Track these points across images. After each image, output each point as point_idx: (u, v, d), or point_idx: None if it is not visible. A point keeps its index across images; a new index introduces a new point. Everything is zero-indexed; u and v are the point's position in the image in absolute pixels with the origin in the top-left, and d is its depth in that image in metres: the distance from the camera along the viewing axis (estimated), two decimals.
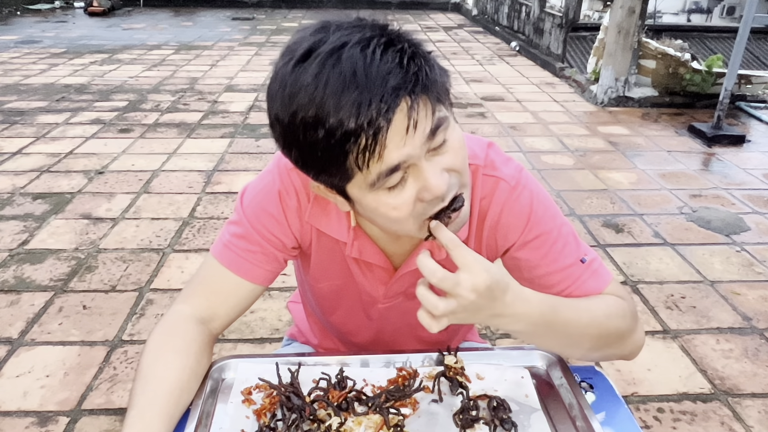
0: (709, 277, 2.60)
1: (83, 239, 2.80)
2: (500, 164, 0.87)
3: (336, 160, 0.65)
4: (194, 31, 8.84)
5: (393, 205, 0.70)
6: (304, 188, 0.86)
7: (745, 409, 1.88)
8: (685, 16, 10.44)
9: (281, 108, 0.67)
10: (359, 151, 0.64)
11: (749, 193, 3.50)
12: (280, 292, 2.41)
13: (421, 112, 0.65)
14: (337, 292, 0.98)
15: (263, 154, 3.95)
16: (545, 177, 3.66)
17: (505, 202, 0.86)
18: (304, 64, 0.65)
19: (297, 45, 0.67)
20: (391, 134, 0.64)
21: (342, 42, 0.64)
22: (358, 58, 0.63)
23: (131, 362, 2.02)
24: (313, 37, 0.66)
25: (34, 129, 4.32)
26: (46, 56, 6.81)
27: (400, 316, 0.99)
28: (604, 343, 0.85)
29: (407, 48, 0.65)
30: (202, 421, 0.79)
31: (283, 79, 0.66)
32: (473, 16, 10.33)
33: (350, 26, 0.67)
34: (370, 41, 0.64)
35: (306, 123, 0.64)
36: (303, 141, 0.66)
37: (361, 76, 0.62)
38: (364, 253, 0.88)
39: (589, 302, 0.84)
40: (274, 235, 0.88)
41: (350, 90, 0.62)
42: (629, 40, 5.05)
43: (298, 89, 0.64)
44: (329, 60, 0.63)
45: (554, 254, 0.87)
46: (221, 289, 0.89)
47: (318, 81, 0.63)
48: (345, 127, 0.62)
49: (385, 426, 0.76)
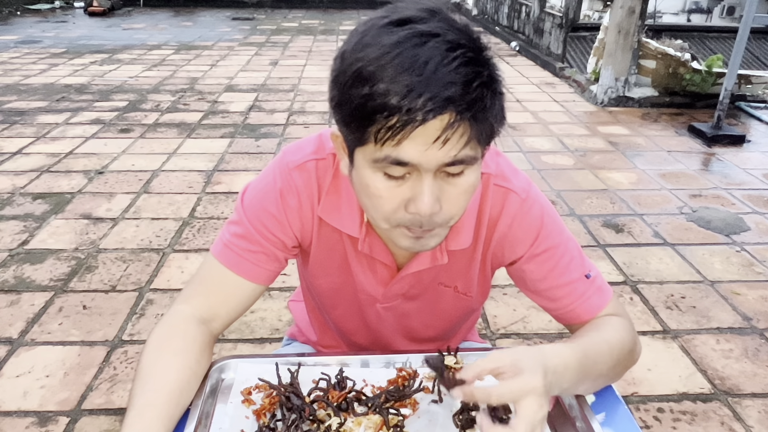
0: (709, 277, 2.60)
1: (83, 239, 2.80)
2: (510, 175, 0.88)
3: (362, 119, 0.66)
4: (194, 31, 8.85)
5: (382, 192, 0.71)
6: (305, 188, 0.86)
7: (745, 409, 1.88)
8: (685, 16, 10.45)
9: (351, 49, 0.68)
10: (383, 126, 0.65)
11: (749, 193, 3.50)
12: (280, 292, 2.41)
13: (456, 135, 0.65)
14: (335, 290, 0.98)
15: (263, 154, 3.95)
16: (545, 177, 3.66)
17: (516, 215, 0.87)
18: (394, 28, 0.66)
19: (402, 9, 0.68)
20: (418, 132, 0.64)
21: (437, 32, 0.65)
22: (439, 54, 0.63)
23: (131, 362, 2.02)
24: (418, 13, 0.67)
25: (34, 129, 4.32)
26: (46, 56, 6.82)
27: (397, 318, 0.99)
28: (623, 368, 0.89)
29: (485, 75, 0.66)
30: (202, 421, 0.79)
31: (370, 28, 0.68)
32: (473, 16, 10.33)
33: (455, 25, 0.67)
34: (459, 47, 0.64)
35: (360, 73, 0.65)
36: (348, 87, 0.67)
37: (429, 69, 0.63)
38: (374, 249, 0.89)
39: (602, 334, 0.86)
40: (274, 234, 0.88)
41: (412, 74, 0.63)
42: (629, 40, 5.05)
43: (374, 43, 0.65)
44: (416, 39, 0.64)
45: (561, 269, 0.88)
46: (222, 289, 0.89)
47: (394, 49, 0.64)
48: (386, 98, 0.63)
49: (384, 426, 0.76)
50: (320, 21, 10.29)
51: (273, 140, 4.23)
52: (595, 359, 0.81)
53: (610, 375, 0.86)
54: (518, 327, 2.25)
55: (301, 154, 0.87)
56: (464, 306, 0.99)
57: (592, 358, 0.80)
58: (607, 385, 0.89)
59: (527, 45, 7.52)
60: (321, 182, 0.86)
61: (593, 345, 0.82)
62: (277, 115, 4.82)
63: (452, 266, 0.91)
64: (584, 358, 0.79)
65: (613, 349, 0.85)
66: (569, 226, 0.93)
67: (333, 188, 0.86)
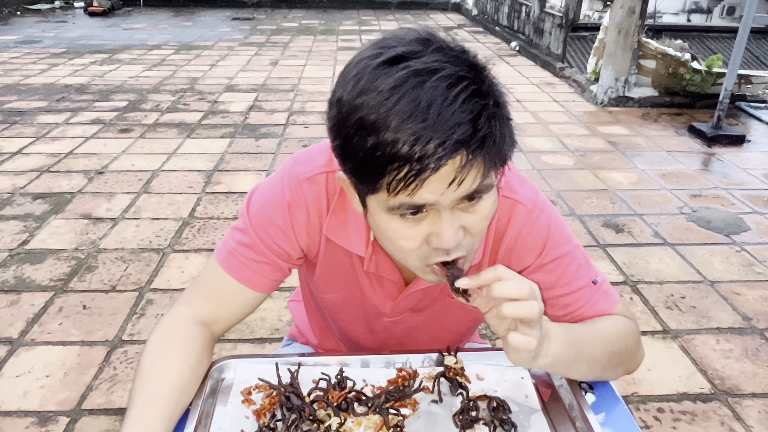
0: (709, 277, 2.60)
1: (83, 239, 2.80)
2: (517, 185, 0.87)
3: (371, 171, 0.64)
4: (194, 31, 8.84)
5: (401, 233, 0.70)
6: (314, 202, 0.85)
7: (745, 409, 1.88)
8: (685, 16, 10.45)
9: (347, 95, 0.65)
10: (395, 177, 0.62)
11: (749, 193, 3.50)
12: (280, 292, 2.41)
13: (471, 173, 0.64)
14: (341, 304, 0.98)
15: (263, 154, 3.95)
16: (545, 177, 3.66)
17: (523, 226, 0.86)
18: (389, 68, 0.63)
19: (393, 44, 0.65)
20: (433, 179, 0.63)
21: (434, 68, 0.62)
22: (440, 94, 0.61)
23: (131, 362, 2.02)
24: (411, 46, 0.64)
25: (34, 129, 4.32)
26: (46, 56, 6.81)
27: (405, 330, 0.99)
28: (618, 362, 0.88)
29: (491, 106, 0.63)
30: (202, 421, 0.79)
31: (363, 70, 0.64)
32: (473, 16, 10.33)
33: (452, 53, 0.64)
34: (460, 81, 0.62)
35: (362, 124, 0.63)
36: (351, 137, 0.64)
37: (433, 113, 0.60)
38: (380, 268, 0.88)
39: (597, 324, 0.86)
40: (280, 246, 0.87)
41: (417, 119, 0.60)
42: (629, 40, 5.05)
43: (371, 88, 0.63)
44: (414, 79, 0.61)
45: (568, 277, 0.88)
46: (224, 295, 0.89)
47: (393, 93, 0.61)
48: (395, 149, 0.61)
49: (384, 426, 0.76)
50: (320, 21, 10.28)
51: (273, 140, 4.22)
52: (586, 340, 0.82)
53: (604, 364, 0.86)
54: None
55: (312, 166, 0.86)
56: (472, 317, 0.99)
57: (582, 337, 0.81)
58: (605, 381, 0.89)
59: (527, 45, 7.52)
60: (330, 197, 0.85)
61: (584, 329, 0.83)
62: (277, 115, 4.82)
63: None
64: (572, 334, 0.79)
65: (607, 338, 0.85)
66: (569, 227, 0.93)
67: (340, 206, 0.85)
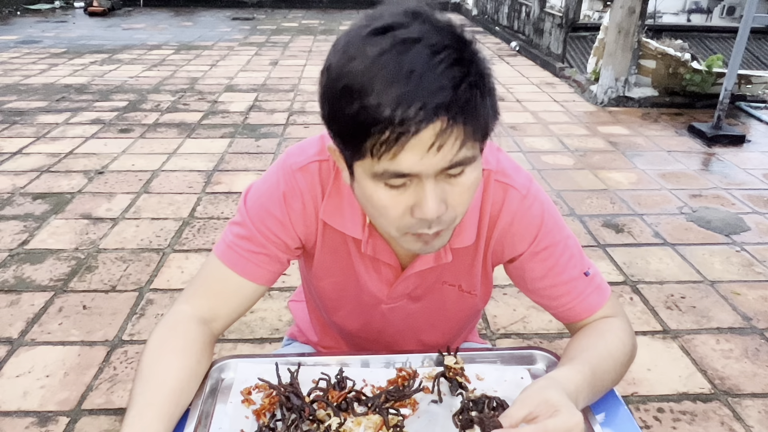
0: (709, 277, 2.60)
1: (83, 239, 2.80)
2: (511, 171, 0.88)
3: (356, 135, 0.66)
4: (194, 31, 8.84)
5: (385, 202, 0.71)
6: (309, 190, 0.87)
7: (745, 409, 1.88)
8: (685, 16, 10.44)
9: (337, 63, 0.67)
10: (378, 141, 0.64)
11: (749, 193, 3.50)
12: (280, 292, 2.41)
13: (450, 139, 0.65)
14: (339, 292, 0.98)
15: (263, 154, 3.95)
16: (545, 177, 3.66)
17: (516, 211, 0.87)
18: (376, 37, 0.65)
19: (381, 15, 0.67)
20: (413, 143, 0.64)
21: (419, 36, 0.64)
22: (423, 60, 0.63)
23: (131, 362, 2.02)
24: (399, 17, 0.66)
25: (34, 129, 4.32)
26: (46, 56, 6.81)
27: (403, 318, 0.99)
28: (625, 370, 0.90)
29: (473, 74, 0.65)
30: (202, 421, 0.79)
31: (352, 39, 0.67)
32: (473, 16, 10.33)
33: (438, 25, 0.66)
34: (443, 49, 0.64)
35: (349, 88, 0.65)
36: (338, 102, 0.66)
37: (415, 77, 0.62)
38: (377, 250, 0.89)
39: (608, 345, 0.87)
40: (277, 236, 0.88)
41: (399, 84, 0.62)
42: (629, 40, 5.05)
43: (358, 55, 0.65)
44: (399, 47, 0.63)
45: (560, 266, 0.88)
46: (224, 289, 0.89)
47: (378, 60, 0.63)
48: (378, 112, 0.63)
49: (384, 426, 0.76)
50: (320, 21, 10.28)
51: (273, 140, 4.22)
52: (603, 377, 0.83)
53: (616, 381, 0.88)
54: (518, 327, 2.25)
55: (304, 155, 0.87)
56: (469, 305, 1.00)
57: (599, 376, 0.82)
58: None
59: (527, 45, 7.52)
60: (324, 184, 0.87)
61: (600, 362, 0.83)
62: (277, 115, 4.82)
63: (456, 265, 0.91)
64: (592, 377, 0.80)
65: (617, 361, 0.86)
66: (569, 226, 0.93)
67: (335, 190, 0.86)
